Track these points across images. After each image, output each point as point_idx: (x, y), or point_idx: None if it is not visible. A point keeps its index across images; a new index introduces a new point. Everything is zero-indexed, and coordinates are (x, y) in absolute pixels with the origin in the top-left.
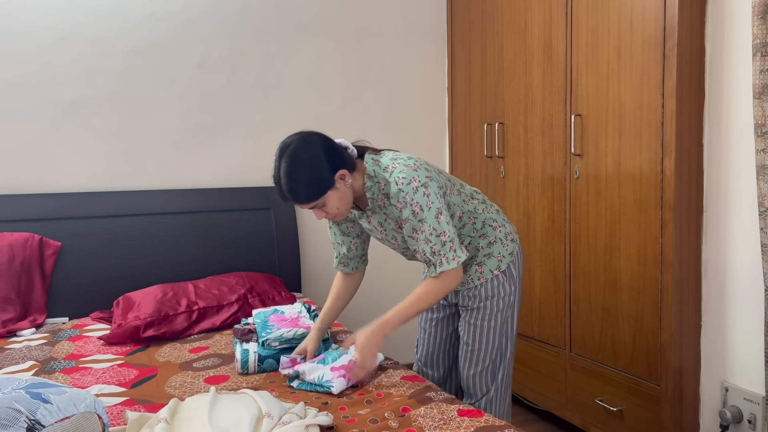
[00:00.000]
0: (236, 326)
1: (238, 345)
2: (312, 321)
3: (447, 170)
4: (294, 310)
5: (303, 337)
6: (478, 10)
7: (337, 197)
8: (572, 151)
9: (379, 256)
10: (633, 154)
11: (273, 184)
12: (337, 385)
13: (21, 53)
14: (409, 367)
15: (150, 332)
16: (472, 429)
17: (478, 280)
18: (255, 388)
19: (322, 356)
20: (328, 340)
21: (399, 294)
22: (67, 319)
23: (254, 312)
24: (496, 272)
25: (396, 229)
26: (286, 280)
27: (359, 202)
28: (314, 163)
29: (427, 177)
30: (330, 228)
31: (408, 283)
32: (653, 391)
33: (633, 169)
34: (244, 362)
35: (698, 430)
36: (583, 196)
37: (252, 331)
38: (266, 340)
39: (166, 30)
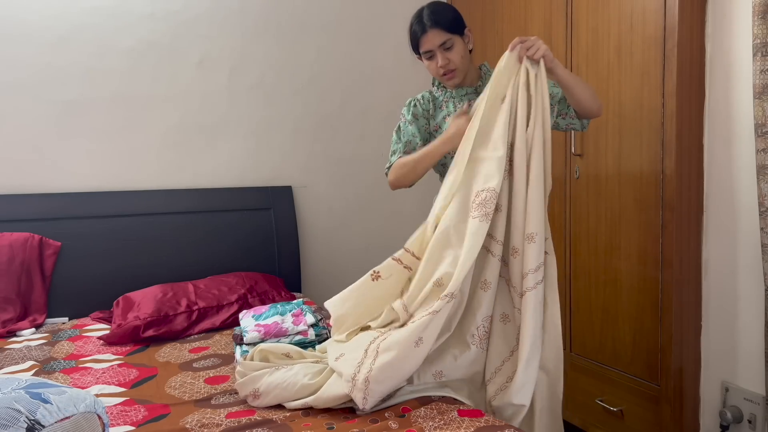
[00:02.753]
0: (235, 332)
1: (238, 346)
2: (313, 317)
3: None
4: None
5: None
6: (478, 10)
7: (462, 48)
8: (572, 151)
9: (379, 258)
10: (633, 154)
11: (409, 31)
12: (250, 336)
13: (21, 53)
14: None
15: (150, 332)
16: (472, 429)
17: None
18: None
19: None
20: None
21: None
22: (67, 319)
23: (241, 322)
24: None
25: None
26: (286, 280)
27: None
28: (455, 9)
29: None
30: (407, 126)
31: None
32: (653, 391)
33: (633, 169)
34: None
35: (698, 430)
36: (583, 196)
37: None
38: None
39: (166, 30)
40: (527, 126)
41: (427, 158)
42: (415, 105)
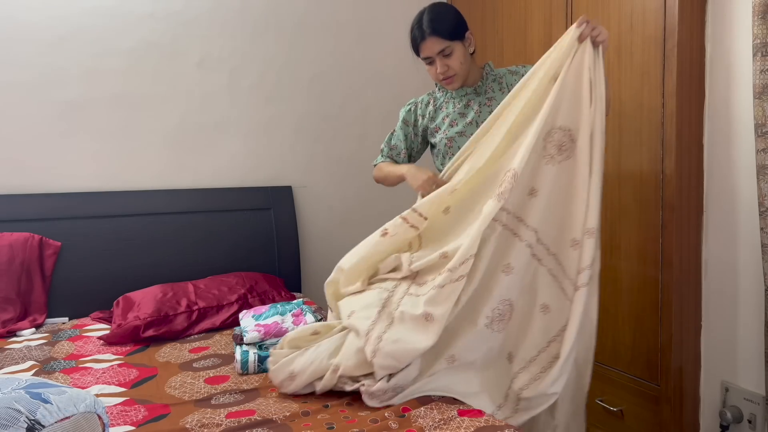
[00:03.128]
0: (236, 332)
1: (238, 346)
2: (313, 317)
3: None
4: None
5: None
6: (478, 10)
7: (462, 54)
8: None
9: None
10: (633, 153)
11: (410, 35)
12: (250, 336)
13: (21, 53)
14: None
15: (150, 332)
16: (472, 429)
17: None
18: (255, 389)
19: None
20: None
21: None
22: (67, 319)
23: (241, 322)
24: None
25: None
26: (286, 280)
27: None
28: (457, 12)
29: None
30: (398, 129)
31: None
32: (653, 391)
33: (633, 169)
34: (244, 363)
35: (698, 430)
36: None
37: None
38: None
39: (166, 30)
40: (590, 108)
41: (391, 178)
42: (410, 110)
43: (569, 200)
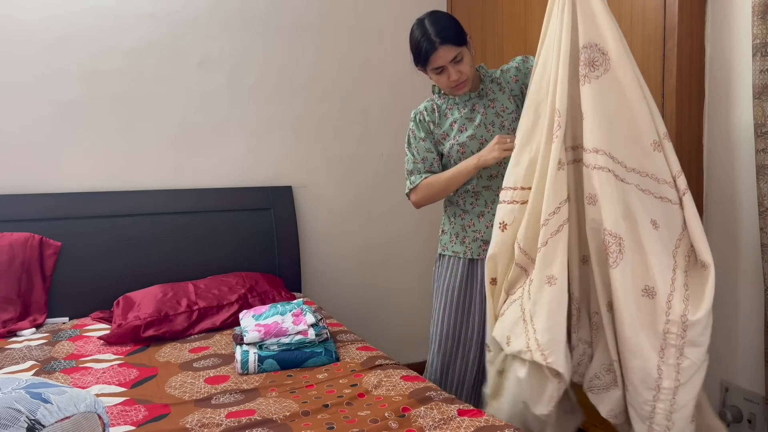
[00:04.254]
0: (236, 332)
1: (238, 345)
2: (313, 317)
3: None
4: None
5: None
6: (478, 10)
7: (470, 58)
8: None
9: (379, 258)
10: None
11: (411, 50)
12: (250, 336)
13: (21, 53)
14: (409, 367)
15: (150, 332)
16: (472, 429)
17: None
18: (255, 389)
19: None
20: (329, 341)
21: (399, 294)
22: (67, 319)
23: (241, 321)
24: None
25: (499, 113)
26: (286, 280)
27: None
28: (454, 17)
29: None
30: (418, 143)
31: (408, 285)
32: None
33: None
34: (244, 363)
35: None
36: None
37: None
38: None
39: (166, 30)
40: (606, 17)
41: (461, 176)
42: (421, 120)
43: (625, 110)
